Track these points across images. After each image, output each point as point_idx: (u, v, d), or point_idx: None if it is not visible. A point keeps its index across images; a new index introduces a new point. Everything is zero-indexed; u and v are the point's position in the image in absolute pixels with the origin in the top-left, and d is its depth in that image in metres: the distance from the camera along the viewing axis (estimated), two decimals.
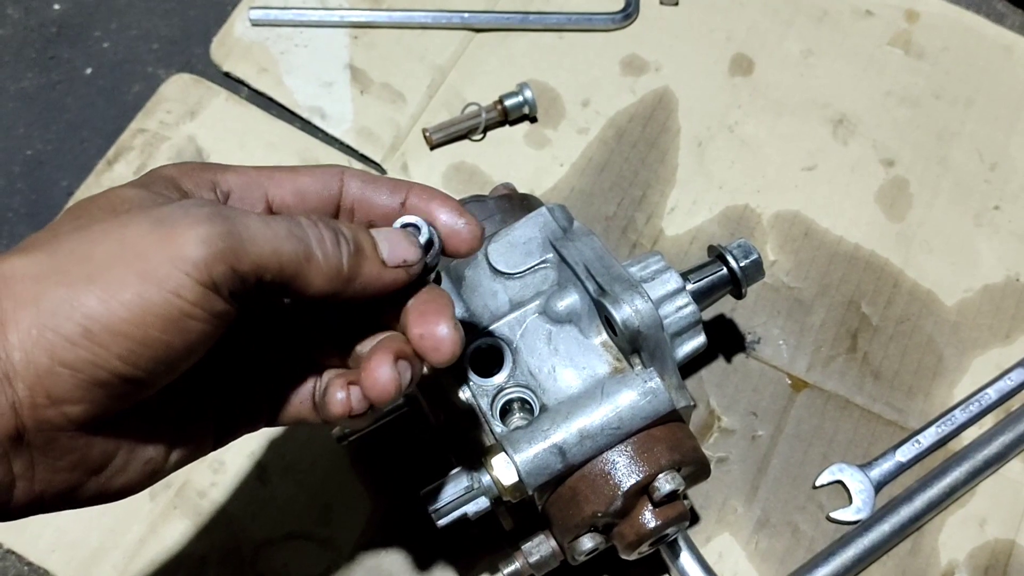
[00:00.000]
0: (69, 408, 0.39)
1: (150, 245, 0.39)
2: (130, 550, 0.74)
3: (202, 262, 0.39)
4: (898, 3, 0.95)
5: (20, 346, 0.38)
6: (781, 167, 0.88)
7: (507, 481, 0.57)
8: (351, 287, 0.46)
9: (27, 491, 0.41)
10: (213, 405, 0.49)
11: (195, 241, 0.39)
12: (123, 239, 0.40)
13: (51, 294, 0.38)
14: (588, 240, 0.64)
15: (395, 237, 0.48)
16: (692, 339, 0.65)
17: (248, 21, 0.93)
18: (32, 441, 0.40)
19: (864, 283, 0.84)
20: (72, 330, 0.38)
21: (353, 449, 0.77)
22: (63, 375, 0.38)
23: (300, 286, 0.44)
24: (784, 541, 0.75)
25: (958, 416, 0.78)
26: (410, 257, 0.47)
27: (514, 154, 0.89)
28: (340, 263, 0.44)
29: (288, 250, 0.42)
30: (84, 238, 0.40)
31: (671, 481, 0.58)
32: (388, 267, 0.47)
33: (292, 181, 0.49)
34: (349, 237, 0.46)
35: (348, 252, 0.45)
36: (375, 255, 0.46)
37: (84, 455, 0.42)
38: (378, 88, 0.91)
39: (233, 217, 0.41)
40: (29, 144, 0.91)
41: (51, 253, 0.40)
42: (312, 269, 0.43)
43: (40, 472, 0.41)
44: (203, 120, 0.89)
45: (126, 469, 0.44)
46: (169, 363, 0.41)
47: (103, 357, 0.38)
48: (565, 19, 0.93)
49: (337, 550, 0.74)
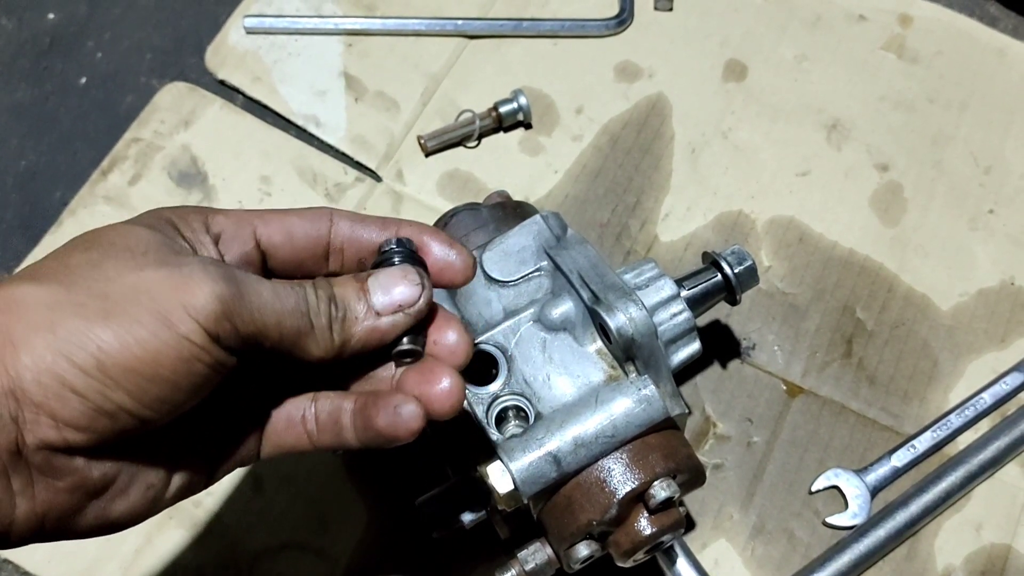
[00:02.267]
0: (71, 434, 0.41)
1: (166, 290, 0.41)
2: (126, 561, 0.74)
3: (212, 315, 0.41)
4: (891, 8, 0.95)
5: (32, 367, 0.39)
6: (775, 173, 0.88)
7: (503, 489, 0.57)
8: (347, 350, 0.47)
9: (28, 512, 0.42)
10: (213, 436, 0.49)
11: (208, 295, 0.41)
12: (139, 281, 0.41)
13: (68, 324, 0.40)
14: (582, 248, 0.64)
15: (389, 281, 0.48)
16: (687, 346, 0.65)
17: (242, 29, 0.93)
18: (31, 458, 0.41)
19: (859, 288, 0.84)
20: (85, 360, 0.39)
21: (348, 459, 0.77)
22: (71, 400, 0.40)
23: (297, 355, 0.45)
24: (780, 547, 0.75)
25: (954, 421, 0.78)
26: (406, 299, 0.47)
27: (508, 161, 0.89)
28: (331, 334, 0.46)
29: (290, 324, 0.44)
30: (99, 275, 0.42)
31: (666, 488, 0.58)
32: (384, 315, 0.47)
33: (281, 222, 0.50)
34: (339, 302, 0.46)
35: (337, 319, 0.46)
36: (369, 312, 0.47)
37: (84, 477, 0.43)
38: (372, 96, 0.91)
39: (247, 283, 0.43)
40: (23, 155, 0.91)
41: (67, 285, 0.41)
42: (310, 342, 0.45)
43: (40, 492, 0.42)
44: (198, 129, 0.89)
45: (127, 494, 0.45)
46: (173, 402, 0.42)
47: (112, 389, 0.40)
48: (559, 26, 0.94)
49: (333, 560, 0.74)
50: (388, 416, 0.46)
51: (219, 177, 0.87)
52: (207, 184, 0.87)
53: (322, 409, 0.49)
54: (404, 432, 0.46)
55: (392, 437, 0.46)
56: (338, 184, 0.88)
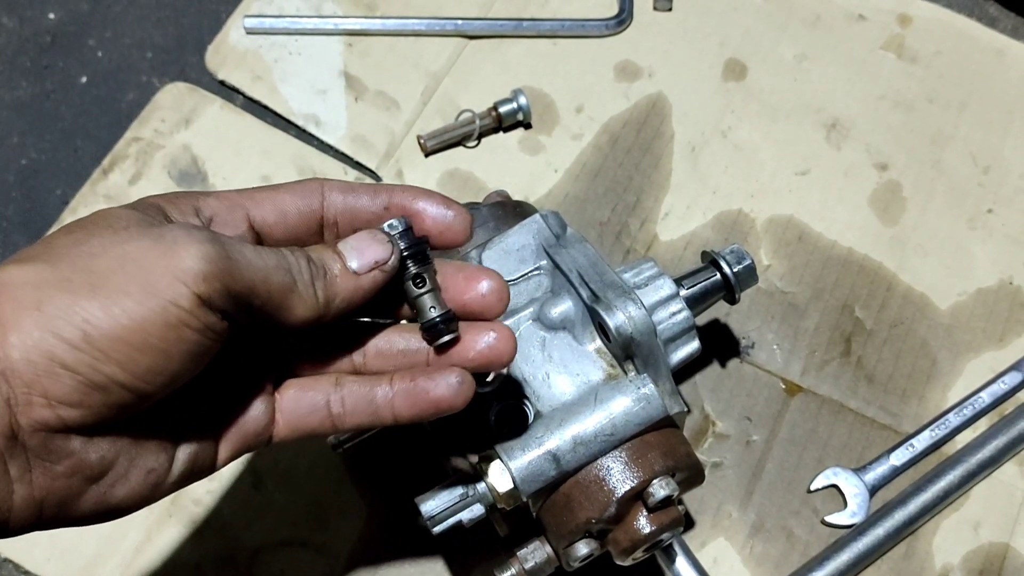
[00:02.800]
0: (65, 411, 0.40)
1: (151, 259, 0.41)
2: (126, 558, 0.74)
3: (200, 275, 0.41)
4: (891, 8, 0.95)
5: (20, 346, 0.39)
6: (775, 172, 0.89)
7: (502, 488, 0.57)
8: (332, 308, 0.47)
9: (26, 498, 0.41)
10: (217, 417, 0.49)
11: (195, 257, 0.41)
12: (124, 252, 0.41)
13: (54, 300, 0.40)
14: (581, 247, 0.64)
15: (361, 243, 0.48)
16: (686, 345, 0.66)
17: (243, 29, 0.93)
18: (27, 442, 0.41)
19: (858, 287, 0.84)
20: (73, 334, 0.39)
21: (348, 456, 0.77)
22: (62, 376, 0.40)
23: (284, 316, 0.45)
24: (779, 546, 0.75)
25: (952, 419, 0.78)
26: (380, 256, 0.48)
27: (508, 160, 0.89)
28: (314, 291, 0.46)
29: (276, 280, 0.44)
30: (84, 251, 0.42)
31: (665, 487, 0.58)
32: (361, 274, 0.47)
33: (272, 201, 0.50)
34: (317, 262, 0.47)
35: (319, 277, 0.46)
36: (345, 271, 0.47)
37: (82, 460, 0.42)
38: (372, 95, 0.91)
39: (229, 243, 0.43)
40: (24, 153, 0.91)
41: (52, 263, 0.41)
42: (295, 300, 0.45)
43: (38, 477, 0.41)
44: (198, 128, 0.90)
45: (127, 478, 0.44)
46: (166, 373, 0.42)
47: (102, 362, 0.40)
48: (559, 25, 0.94)
49: (333, 557, 0.74)
50: (449, 387, 0.48)
51: (219, 176, 0.88)
52: (207, 183, 0.87)
53: (351, 393, 0.50)
54: (463, 400, 0.49)
55: (450, 407, 0.49)
56: None
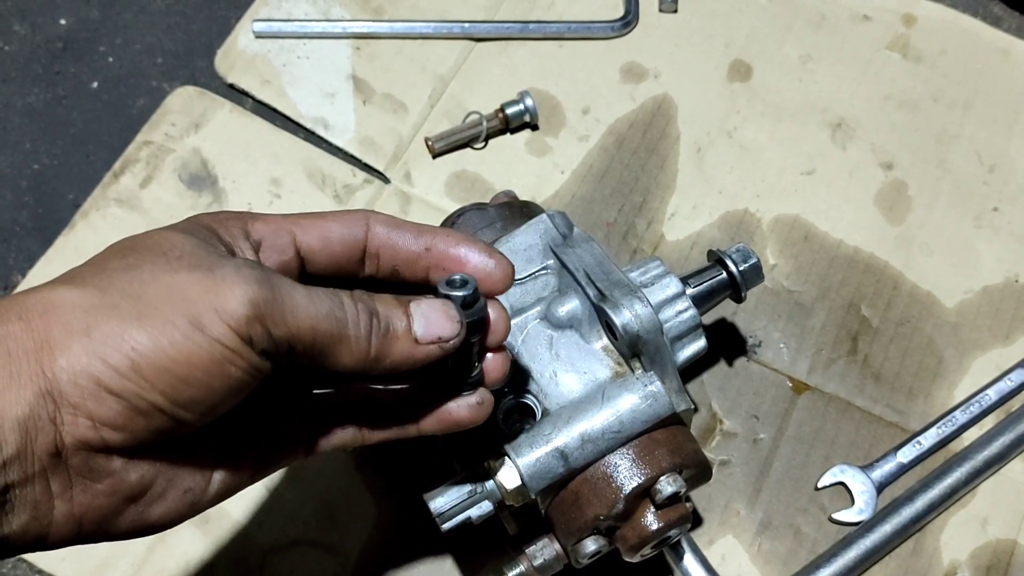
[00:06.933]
0: (108, 433, 0.41)
1: (199, 293, 0.42)
2: (139, 558, 0.75)
3: (243, 318, 0.41)
4: (896, 7, 0.96)
5: (68, 369, 0.40)
6: (780, 172, 0.89)
7: (510, 485, 0.58)
8: (380, 366, 0.47)
9: (66, 514, 0.43)
10: (254, 437, 0.50)
11: (240, 299, 0.42)
12: (173, 282, 0.42)
13: (103, 326, 0.41)
14: (588, 246, 0.64)
15: (432, 312, 0.47)
16: (692, 343, 0.66)
17: (252, 33, 0.94)
18: (70, 460, 0.42)
19: (864, 286, 0.84)
20: (120, 361, 0.40)
21: (358, 455, 0.77)
22: (107, 400, 0.40)
23: (328, 362, 0.45)
24: (787, 543, 0.76)
25: (959, 417, 0.78)
26: (445, 333, 0.47)
27: (515, 162, 0.90)
28: (368, 346, 0.46)
29: (323, 328, 0.44)
30: (135, 277, 0.43)
31: (673, 483, 0.58)
32: (421, 344, 0.47)
33: (318, 227, 0.50)
34: (382, 317, 0.46)
35: (377, 333, 0.46)
36: (407, 335, 0.47)
37: (122, 479, 0.43)
38: (380, 98, 0.92)
39: (280, 286, 0.43)
40: (36, 158, 0.92)
41: (102, 289, 0.42)
42: (342, 349, 0.45)
43: (78, 494, 0.43)
44: (208, 132, 0.90)
45: (164, 497, 0.45)
46: (207, 404, 0.43)
47: (147, 390, 0.41)
48: (565, 28, 0.94)
49: (343, 556, 0.75)
50: (470, 407, 0.51)
51: (229, 179, 0.88)
52: (217, 187, 0.88)
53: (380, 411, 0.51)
54: (483, 417, 0.52)
55: (471, 424, 0.52)
56: (347, 186, 0.88)
